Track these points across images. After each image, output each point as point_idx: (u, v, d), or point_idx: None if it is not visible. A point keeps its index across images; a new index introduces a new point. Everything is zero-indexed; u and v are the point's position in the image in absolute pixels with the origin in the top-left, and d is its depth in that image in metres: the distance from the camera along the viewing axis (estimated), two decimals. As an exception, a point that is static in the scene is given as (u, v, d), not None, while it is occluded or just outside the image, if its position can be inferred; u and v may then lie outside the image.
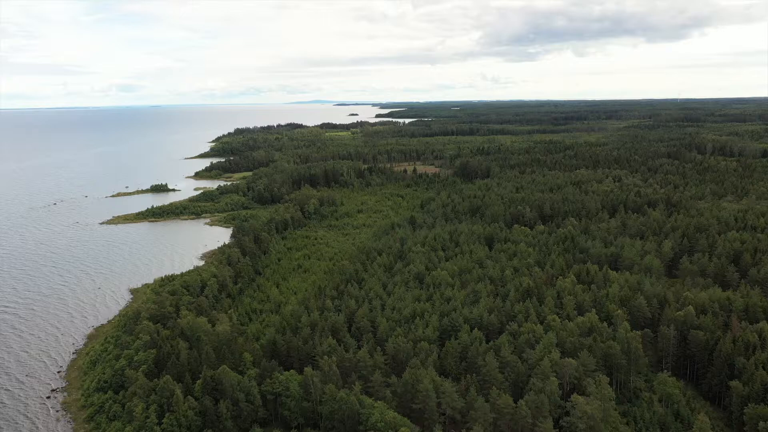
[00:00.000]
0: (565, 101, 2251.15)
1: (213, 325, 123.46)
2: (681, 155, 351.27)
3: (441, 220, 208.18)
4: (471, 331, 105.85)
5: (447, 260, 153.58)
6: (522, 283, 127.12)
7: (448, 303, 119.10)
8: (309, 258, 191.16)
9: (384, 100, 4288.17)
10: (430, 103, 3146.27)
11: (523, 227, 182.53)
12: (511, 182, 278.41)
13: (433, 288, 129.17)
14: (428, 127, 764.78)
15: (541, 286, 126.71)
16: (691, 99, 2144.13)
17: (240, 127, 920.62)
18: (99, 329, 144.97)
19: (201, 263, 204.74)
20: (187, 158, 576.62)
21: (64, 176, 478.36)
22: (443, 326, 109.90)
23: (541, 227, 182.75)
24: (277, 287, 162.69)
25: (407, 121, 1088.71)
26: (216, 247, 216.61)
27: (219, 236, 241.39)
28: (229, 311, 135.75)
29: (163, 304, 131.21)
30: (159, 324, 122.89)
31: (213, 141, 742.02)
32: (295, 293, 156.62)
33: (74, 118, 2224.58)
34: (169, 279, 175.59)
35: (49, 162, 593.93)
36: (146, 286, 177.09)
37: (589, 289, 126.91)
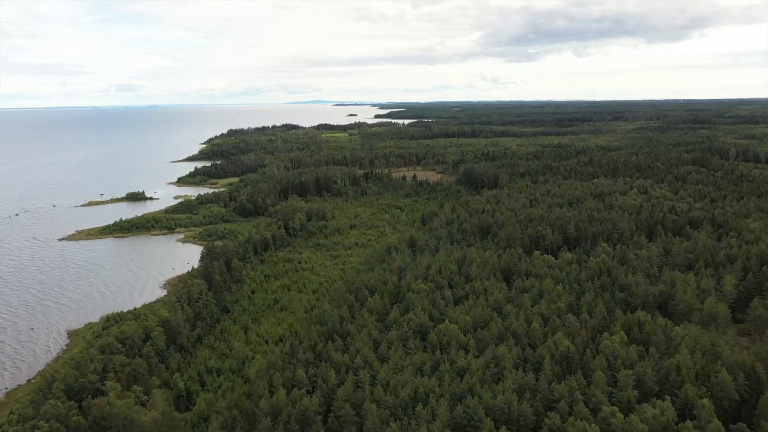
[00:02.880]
0: (566, 102, 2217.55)
1: (146, 402, 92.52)
2: (707, 162, 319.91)
3: (445, 242, 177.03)
4: (497, 431, 74.61)
5: (456, 303, 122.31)
6: (558, 345, 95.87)
7: (461, 378, 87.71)
8: (289, 290, 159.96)
9: (383, 100, 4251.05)
10: (430, 103, 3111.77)
11: (545, 255, 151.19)
12: (522, 194, 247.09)
13: (441, 351, 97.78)
14: (428, 129, 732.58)
15: (584, 349, 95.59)
16: (694, 99, 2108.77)
17: (238, 127, 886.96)
18: (11, 394, 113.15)
19: (163, 293, 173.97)
20: (174, 161, 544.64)
21: (43, 181, 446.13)
22: (456, 419, 78.68)
23: (568, 255, 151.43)
24: (245, 333, 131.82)
25: (407, 121, 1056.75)
26: (185, 271, 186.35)
27: (191, 256, 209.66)
28: (174, 376, 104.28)
29: (85, 369, 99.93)
30: (73, 402, 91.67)
31: (204, 143, 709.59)
32: (266, 342, 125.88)
33: (73, 118, 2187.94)
34: (117, 318, 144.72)
35: (34, 164, 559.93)
36: (89, 327, 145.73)
37: (647, 353, 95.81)
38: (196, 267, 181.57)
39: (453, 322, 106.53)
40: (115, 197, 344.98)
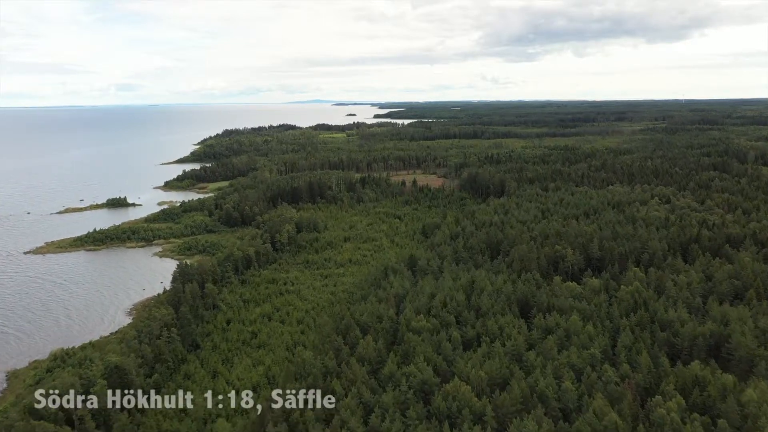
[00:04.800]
0: (566, 101, 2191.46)
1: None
2: (728, 166, 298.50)
3: (450, 262, 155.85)
4: None
5: (466, 348, 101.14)
6: (600, 416, 74.63)
7: (479, 471, 66.57)
8: (270, 320, 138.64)
9: (383, 100, 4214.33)
10: (430, 103, 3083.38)
11: (569, 283, 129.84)
12: (533, 203, 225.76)
13: (450, 424, 76.50)
14: (429, 129, 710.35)
15: (634, 424, 74.37)
16: (695, 99, 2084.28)
17: (237, 127, 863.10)
18: None
19: (129, 320, 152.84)
20: (164, 163, 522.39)
21: (25, 183, 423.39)
22: None
23: (594, 281, 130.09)
24: (214, 378, 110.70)
25: (406, 122, 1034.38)
26: (156, 293, 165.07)
27: (166, 274, 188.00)
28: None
29: (-1, 442, 78.72)
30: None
31: (198, 143, 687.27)
32: (237, 392, 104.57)
33: (72, 117, 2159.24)
34: (67, 355, 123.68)
35: (24, 166, 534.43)
36: (33, 366, 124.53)
37: (715, 427, 74.64)
38: (166, 289, 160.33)
39: (464, 380, 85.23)
40: (95, 203, 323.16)
